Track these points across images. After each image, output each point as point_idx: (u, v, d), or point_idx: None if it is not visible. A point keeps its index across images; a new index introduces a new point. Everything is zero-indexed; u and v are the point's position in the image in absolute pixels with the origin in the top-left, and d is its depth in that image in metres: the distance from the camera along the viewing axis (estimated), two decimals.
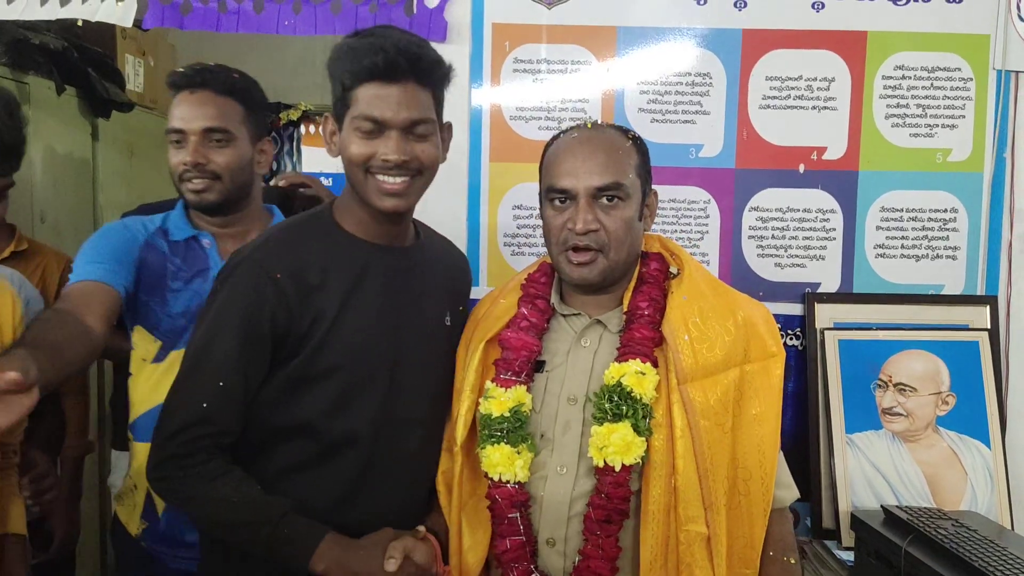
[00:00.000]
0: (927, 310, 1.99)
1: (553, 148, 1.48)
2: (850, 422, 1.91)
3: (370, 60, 1.35)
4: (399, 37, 1.39)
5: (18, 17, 2.01)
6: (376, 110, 1.36)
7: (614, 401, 1.37)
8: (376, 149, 1.38)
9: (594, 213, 1.40)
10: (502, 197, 2.04)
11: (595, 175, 1.40)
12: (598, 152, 1.42)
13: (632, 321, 1.43)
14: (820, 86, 1.99)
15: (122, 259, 1.65)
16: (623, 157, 1.43)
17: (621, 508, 1.37)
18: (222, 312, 1.39)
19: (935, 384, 1.92)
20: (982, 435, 1.91)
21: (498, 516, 1.42)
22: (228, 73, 1.74)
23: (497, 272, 2.02)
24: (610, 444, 1.35)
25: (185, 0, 1.96)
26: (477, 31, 2.00)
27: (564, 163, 1.43)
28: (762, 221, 2.02)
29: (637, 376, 1.37)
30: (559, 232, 1.43)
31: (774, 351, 1.45)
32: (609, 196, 1.40)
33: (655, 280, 1.47)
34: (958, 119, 2.00)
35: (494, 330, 1.49)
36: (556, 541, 1.41)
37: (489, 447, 1.41)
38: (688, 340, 1.40)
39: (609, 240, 1.41)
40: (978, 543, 1.55)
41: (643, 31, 2.00)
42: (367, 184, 1.40)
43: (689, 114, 2.01)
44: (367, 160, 1.39)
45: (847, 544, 1.84)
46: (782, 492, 1.48)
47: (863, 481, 1.88)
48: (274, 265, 1.39)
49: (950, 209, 2.01)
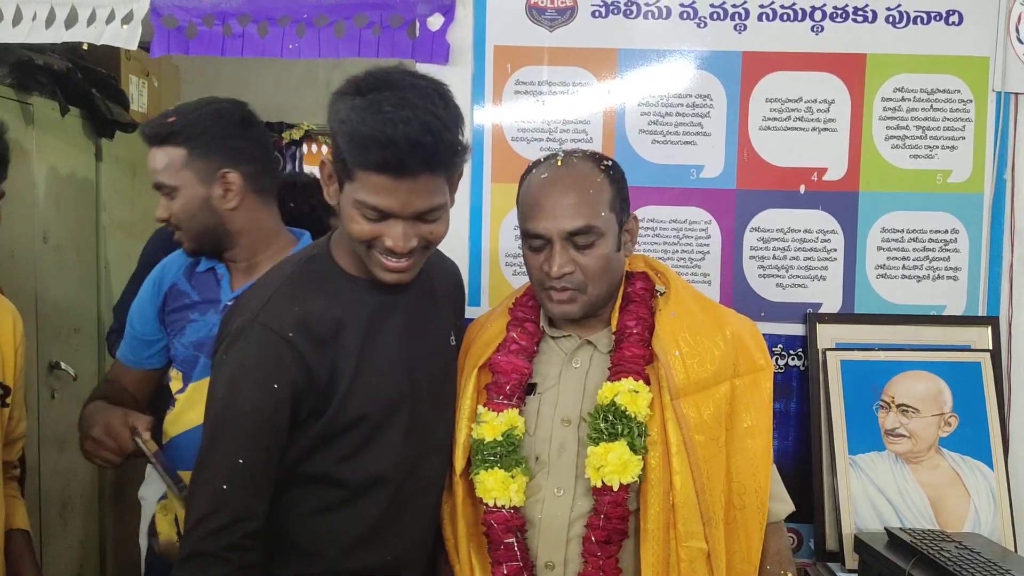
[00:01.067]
0: (929, 330, 1.99)
1: (524, 188, 1.46)
2: (853, 443, 1.90)
3: (378, 155, 1.22)
4: (413, 123, 1.22)
5: (24, 40, 2.02)
6: (382, 202, 1.27)
7: (609, 420, 1.37)
8: (380, 232, 1.30)
9: (568, 255, 1.39)
10: (503, 217, 2.04)
11: (567, 219, 1.38)
12: (568, 193, 1.39)
13: (622, 340, 1.44)
14: (820, 108, 2.00)
15: (152, 336, 1.79)
16: (595, 195, 1.40)
17: (620, 528, 1.37)
18: (235, 382, 1.32)
19: (937, 405, 1.92)
20: (985, 456, 1.90)
21: (494, 542, 1.41)
22: (163, 120, 1.71)
23: (499, 292, 2.03)
24: (607, 464, 1.35)
25: (190, 24, 1.97)
26: (479, 53, 2.02)
27: (535, 206, 1.41)
28: (763, 241, 2.03)
29: (631, 395, 1.38)
30: (538, 272, 1.43)
31: (762, 364, 1.47)
32: (582, 240, 1.39)
33: (641, 299, 1.48)
34: (958, 140, 2.01)
35: (484, 356, 1.49)
36: (555, 564, 1.40)
37: (483, 472, 1.41)
38: (679, 356, 1.41)
39: (586, 278, 1.40)
40: (982, 566, 1.54)
41: (644, 53, 2.01)
42: (370, 257, 1.34)
43: (690, 135, 2.02)
44: (370, 240, 1.32)
45: (851, 567, 1.83)
46: (777, 505, 1.49)
47: (866, 503, 1.88)
48: (284, 324, 1.32)
49: (951, 230, 2.02)
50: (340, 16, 1.97)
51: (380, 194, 1.26)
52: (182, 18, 1.98)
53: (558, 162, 1.45)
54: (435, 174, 1.28)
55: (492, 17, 2.01)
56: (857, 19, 1.99)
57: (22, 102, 2.71)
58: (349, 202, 1.30)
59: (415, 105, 1.24)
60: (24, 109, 2.71)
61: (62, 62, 2.83)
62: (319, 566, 1.42)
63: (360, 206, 1.28)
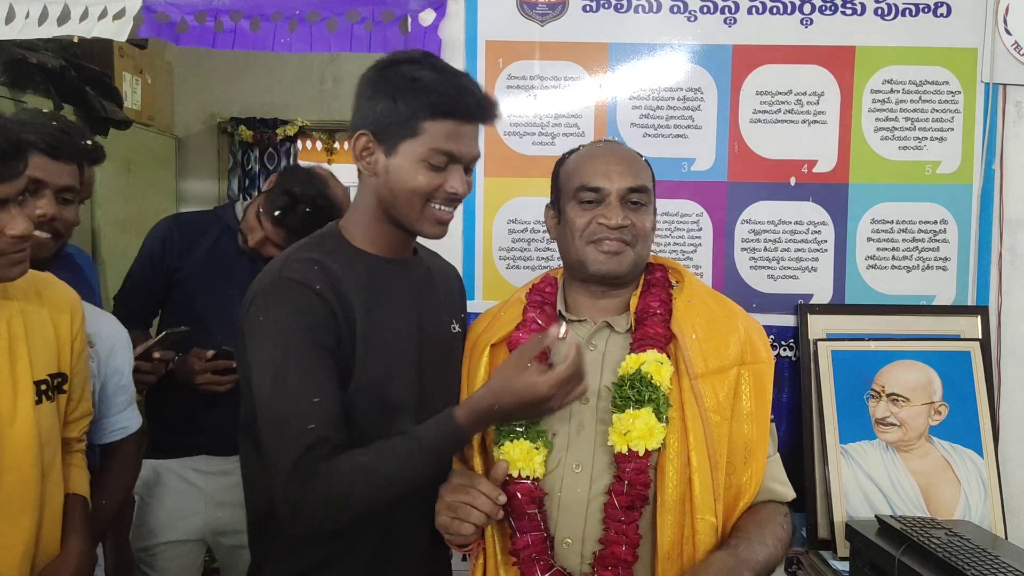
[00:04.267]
0: (919, 320, 2.01)
1: (578, 155, 1.56)
2: (844, 432, 1.92)
3: (458, 102, 1.40)
4: (469, 81, 1.45)
5: (16, 36, 2.02)
6: (454, 146, 1.41)
7: (636, 387, 1.40)
8: (442, 180, 1.41)
9: (625, 212, 1.48)
10: (496, 212, 2.05)
11: (628, 176, 1.49)
12: (627, 159, 1.53)
13: (644, 319, 1.49)
14: (810, 100, 2.02)
15: None
16: (645, 168, 1.55)
17: (643, 494, 1.40)
18: (281, 332, 1.35)
19: (927, 394, 1.94)
20: (975, 444, 1.92)
21: (518, 512, 1.43)
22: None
23: (493, 286, 2.04)
24: (633, 429, 1.38)
25: (181, 19, 1.98)
26: (471, 48, 2.02)
27: (596, 166, 1.51)
28: (754, 233, 2.04)
29: (656, 364, 1.42)
30: (585, 227, 1.49)
31: (765, 358, 1.51)
32: (637, 197, 1.49)
33: (661, 284, 1.54)
34: (947, 132, 2.02)
35: (499, 335, 1.52)
36: (573, 541, 1.43)
37: (508, 443, 1.43)
38: (696, 339, 1.46)
39: (637, 236, 1.49)
40: (971, 552, 1.55)
41: (635, 47, 2.02)
42: (423, 212, 1.43)
43: (681, 128, 2.03)
44: (433, 191, 1.42)
45: (842, 554, 1.84)
46: (780, 488, 1.51)
47: (857, 491, 1.89)
48: (310, 278, 1.37)
49: (940, 220, 2.03)
50: (332, 12, 1.98)
51: (453, 139, 1.40)
52: (174, 15, 1.98)
53: (606, 140, 1.58)
54: (484, 122, 1.47)
55: (483, 12, 2.02)
56: (846, 12, 2.00)
57: (16, 100, 2.72)
58: (411, 158, 1.40)
59: (460, 72, 1.46)
60: (18, 107, 2.72)
61: (56, 60, 2.83)
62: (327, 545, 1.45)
63: (431, 155, 1.40)
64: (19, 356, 1.48)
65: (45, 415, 1.51)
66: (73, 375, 1.60)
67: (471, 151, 1.44)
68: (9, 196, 1.36)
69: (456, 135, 1.40)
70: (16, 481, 1.45)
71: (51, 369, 1.54)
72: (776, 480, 1.50)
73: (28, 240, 1.40)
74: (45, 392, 1.51)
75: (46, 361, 1.53)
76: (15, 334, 1.48)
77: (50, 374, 1.53)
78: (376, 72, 1.44)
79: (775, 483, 1.50)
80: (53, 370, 1.54)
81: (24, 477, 1.46)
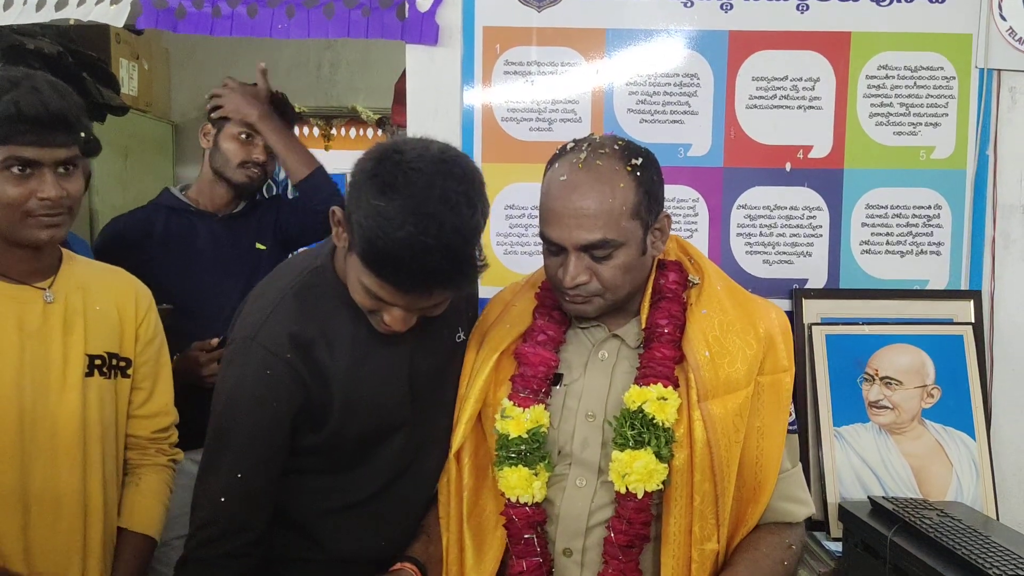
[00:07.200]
0: (912, 305, 2.03)
1: (545, 184, 1.38)
2: (837, 415, 1.94)
3: (393, 275, 1.22)
4: (434, 252, 1.19)
5: (14, 22, 2.03)
6: (387, 297, 1.28)
7: (636, 428, 1.33)
8: (380, 308, 1.31)
9: (584, 264, 1.33)
10: (494, 197, 2.05)
11: (583, 230, 1.30)
12: (586, 200, 1.30)
13: (652, 340, 1.39)
14: (805, 86, 2.03)
15: None
16: (616, 204, 1.31)
17: (643, 533, 1.36)
18: (235, 398, 1.35)
19: (920, 377, 1.96)
20: (967, 427, 1.94)
21: (514, 536, 1.40)
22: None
23: (491, 272, 1.98)
24: (632, 472, 1.32)
25: (179, 5, 1.98)
26: (468, 34, 2.03)
27: (551, 211, 1.34)
28: (750, 219, 2.05)
29: (659, 403, 1.33)
30: (554, 276, 1.38)
31: (786, 365, 1.41)
32: (599, 253, 1.32)
33: (674, 294, 1.42)
34: (941, 117, 2.03)
35: (508, 340, 1.46)
36: (574, 552, 1.40)
37: (507, 468, 1.38)
38: (708, 356, 1.36)
39: (604, 287, 1.35)
40: (963, 533, 1.57)
41: (631, 33, 2.03)
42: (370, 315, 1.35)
43: (677, 114, 2.04)
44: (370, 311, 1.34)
45: (836, 535, 1.87)
46: (793, 507, 1.44)
47: (851, 473, 1.91)
48: (282, 345, 1.34)
49: (934, 206, 2.05)
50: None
51: (386, 294, 1.27)
52: (172, 0, 1.99)
53: (579, 163, 1.33)
54: (446, 291, 1.29)
55: None
56: None
57: None
58: (355, 272, 1.29)
59: (440, 220, 1.19)
60: None
61: (53, 46, 2.82)
62: (316, 550, 1.46)
63: (365, 288, 1.28)
64: (74, 326, 1.48)
65: (96, 389, 1.50)
66: (139, 364, 1.58)
67: (411, 306, 1.29)
68: (44, 160, 1.38)
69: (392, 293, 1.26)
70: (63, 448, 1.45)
71: (110, 348, 1.53)
72: (790, 499, 1.43)
73: (58, 206, 1.40)
74: (99, 367, 1.51)
75: (105, 338, 1.53)
76: (72, 305, 1.49)
77: (108, 351, 1.53)
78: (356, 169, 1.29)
79: (788, 502, 1.42)
80: (113, 349, 1.54)
81: (69, 444, 1.46)
